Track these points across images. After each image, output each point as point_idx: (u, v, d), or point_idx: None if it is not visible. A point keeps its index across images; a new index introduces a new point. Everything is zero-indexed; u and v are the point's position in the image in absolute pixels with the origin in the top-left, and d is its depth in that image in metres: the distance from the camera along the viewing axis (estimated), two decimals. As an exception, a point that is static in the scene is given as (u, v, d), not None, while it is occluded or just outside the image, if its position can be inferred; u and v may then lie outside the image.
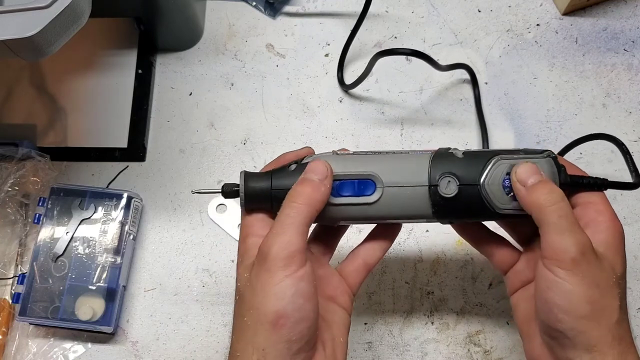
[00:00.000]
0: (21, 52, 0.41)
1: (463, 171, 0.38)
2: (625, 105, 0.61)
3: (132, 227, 0.57)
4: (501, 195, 0.38)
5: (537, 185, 0.36)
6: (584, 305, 0.34)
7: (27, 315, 0.54)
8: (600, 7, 0.65)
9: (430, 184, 0.38)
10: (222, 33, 0.67)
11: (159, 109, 0.65)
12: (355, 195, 0.39)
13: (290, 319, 0.34)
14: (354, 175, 0.39)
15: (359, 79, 0.60)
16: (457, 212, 0.39)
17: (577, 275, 0.34)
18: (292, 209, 0.36)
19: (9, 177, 0.59)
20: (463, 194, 0.38)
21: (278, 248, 0.35)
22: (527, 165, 0.37)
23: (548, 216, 0.35)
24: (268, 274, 0.34)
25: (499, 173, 0.38)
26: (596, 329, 0.35)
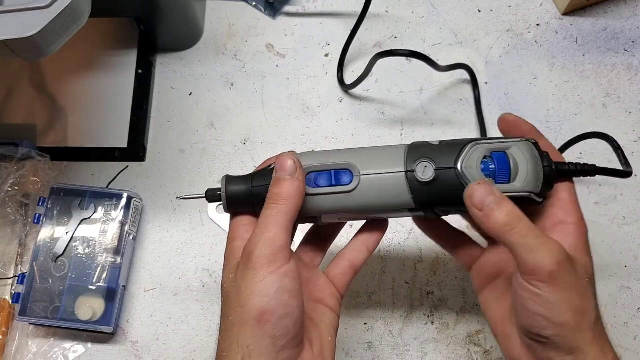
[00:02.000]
0: (21, 52, 0.41)
1: (439, 156, 0.38)
2: (625, 105, 0.61)
3: (132, 227, 0.57)
4: (480, 177, 0.37)
5: (493, 211, 0.35)
6: (566, 312, 0.35)
7: (27, 315, 0.54)
8: (600, 7, 0.65)
9: (406, 170, 0.38)
10: (222, 33, 0.67)
11: (159, 109, 0.65)
12: (333, 185, 0.39)
13: (275, 315, 0.34)
14: (330, 165, 0.39)
15: (358, 79, 0.60)
16: (437, 198, 0.38)
17: (557, 286, 0.34)
18: (271, 209, 0.37)
19: (9, 177, 0.59)
20: (440, 178, 0.38)
21: (262, 245, 0.35)
22: (480, 187, 0.36)
23: (512, 239, 0.35)
24: (253, 272, 0.35)
25: (476, 157, 0.37)
26: (579, 332, 0.35)
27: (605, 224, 0.57)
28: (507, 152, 0.38)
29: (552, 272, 0.34)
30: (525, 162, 0.37)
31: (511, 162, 0.37)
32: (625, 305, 0.55)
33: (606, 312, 0.55)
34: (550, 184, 0.38)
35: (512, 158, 0.38)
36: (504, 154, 0.38)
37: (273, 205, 0.37)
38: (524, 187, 0.37)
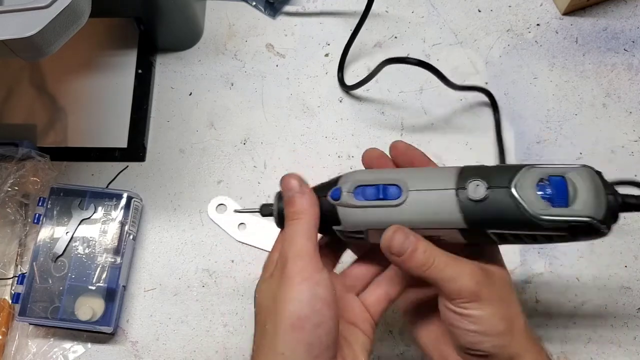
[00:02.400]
0: (21, 52, 0.41)
1: (492, 176, 0.36)
2: (625, 105, 0.61)
3: (132, 227, 0.57)
4: (536, 199, 0.35)
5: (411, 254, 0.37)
6: (498, 323, 0.36)
7: (27, 316, 0.54)
8: (600, 7, 0.65)
9: (457, 187, 0.37)
10: (222, 33, 0.67)
11: (159, 109, 0.65)
12: (380, 198, 0.38)
13: (309, 321, 0.35)
14: (379, 180, 0.38)
15: (361, 82, 0.60)
16: (488, 218, 0.36)
17: (483, 302, 0.36)
18: (292, 225, 0.38)
19: (9, 177, 0.59)
20: (492, 197, 0.36)
21: (292, 256, 0.37)
22: (396, 234, 0.37)
23: (432, 275, 0.36)
24: (286, 280, 0.36)
25: (531, 179, 0.36)
26: (513, 339, 0.37)
27: (605, 224, 0.57)
28: (566, 176, 0.36)
29: (475, 292, 0.36)
30: (586, 186, 0.35)
31: (569, 185, 0.35)
32: (625, 305, 0.55)
33: (606, 312, 0.55)
34: (614, 215, 0.35)
35: (571, 182, 0.35)
36: (561, 178, 0.36)
37: (291, 221, 0.38)
38: (585, 212, 0.34)
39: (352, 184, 0.39)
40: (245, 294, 0.57)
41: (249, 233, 0.59)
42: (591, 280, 0.56)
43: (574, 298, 0.55)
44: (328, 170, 0.61)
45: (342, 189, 0.39)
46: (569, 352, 0.54)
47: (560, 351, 0.54)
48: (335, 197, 0.39)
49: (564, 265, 0.56)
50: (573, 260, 0.56)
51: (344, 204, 0.39)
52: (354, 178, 0.39)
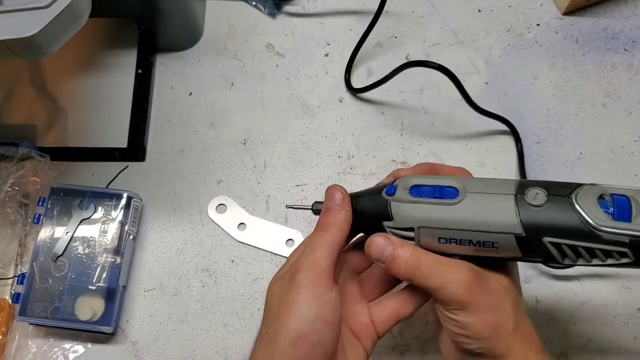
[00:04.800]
0: (21, 52, 0.41)
1: (552, 187, 0.36)
2: (625, 105, 0.61)
3: (132, 227, 0.57)
4: (597, 210, 0.34)
5: (390, 262, 0.37)
6: (482, 330, 0.37)
7: (27, 315, 0.54)
8: (600, 7, 0.65)
9: (516, 193, 0.36)
10: (222, 33, 0.67)
11: (159, 109, 0.65)
12: (436, 197, 0.38)
13: (309, 341, 0.36)
14: (437, 182, 0.38)
15: (373, 85, 0.60)
16: (547, 224, 0.35)
17: (470, 310, 0.37)
18: (319, 235, 0.39)
19: (9, 177, 0.59)
20: (552, 204, 0.35)
21: (306, 266, 0.37)
22: (377, 237, 0.38)
23: (418, 282, 0.37)
24: (295, 290, 0.37)
25: (592, 192, 0.35)
26: (499, 342, 0.38)
27: (605, 224, 0.57)
28: (629, 195, 0.35)
29: (462, 301, 0.37)
30: None
31: (633, 204, 0.34)
32: (625, 305, 0.55)
33: (606, 312, 0.55)
34: None
35: (635, 200, 0.34)
36: (625, 197, 0.35)
37: (320, 232, 0.39)
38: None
39: (408, 183, 0.39)
40: (245, 294, 0.57)
41: (249, 233, 0.59)
42: (591, 280, 0.56)
43: (574, 298, 0.55)
44: (328, 170, 0.61)
45: (399, 186, 0.39)
46: (569, 352, 0.54)
47: (560, 351, 0.54)
48: (390, 193, 0.39)
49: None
50: (573, 260, 0.56)
51: (398, 199, 0.38)
52: (411, 180, 0.39)
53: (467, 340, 0.38)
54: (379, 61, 0.65)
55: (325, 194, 0.40)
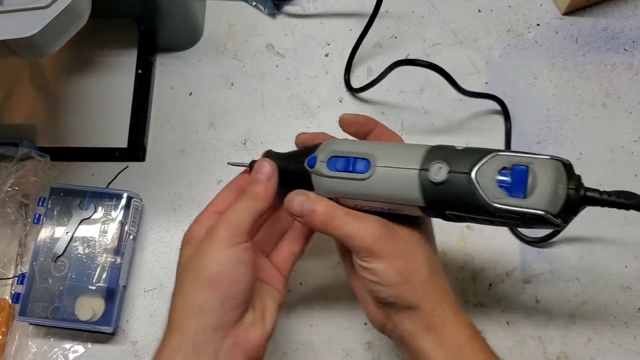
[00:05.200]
0: (21, 52, 0.41)
1: (457, 160, 0.37)
2: (625, 105, 0.61)
3: (132, 227, 0.57)
4: (493, 188, 0.36)
5: (309, 216, 0.42)
6: (393, 276, 0.41)
7: (27, 315, 0.54)
8: (600, 7, 0.65)
9: (420, 168, 0.38)
10: (222, 33, 0.67)
11: (159, 109, 0.65)
12: (349, 171, 0.41)
13: (227, 280, 0.39)
14: (351, 153, 0.41)
15: (369, 84, 0.60)
16: (446, 201, 0.38)
17: (380, 256, 0.40)
18: (245, 201, 0.43)
19: (9, 177, 0.59)
20: (452, 181, 0.37)
21: (227, 225, 0.41)
22: (296, 196, 0.42)
23: (332, 233, 0.41)
24: (215, 244, 0.40)
25: (494, 167, 0.36)
26: (410, 290, 0.41)
27: (605, 224, 0.57)
28: (530, 167, 0.36)
29: (371, 249, 0.40)
30: (547, 179, 0.35)
31: (530, 176, 0.35)
32: (625, 305, 0.55)
33: (606, 312, 0.55)
34: (573, 209, 0.36)
35: (533, 173, 0.36)
36: (524, 168, 0.36)
37: (247, 198, 0.43)
38: (538, 205, 0.35)
39: (327, 154, 0.42)
40: (245, 294, 0.57)
41: (249, 233, 0.59)
42: (591, 280, 0.56)
43: (574, 298, 0.55)
44: (328, 170, 0.61)
45: (318, 158, 0.42)
46: (569, 352, 0.54)
47: (560, 351, 0.54)
48: (311, 165, 0.43)
49: (563, 265, 0.56)
50: (573, 260, 0.56)
51: (317, 172, 0.42)
52: (330, 148, 0.42)
53: (380, 287, 0.41)
54: (378, 61, 0.65)
55: (255, 167, 0.45)
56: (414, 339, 0.41)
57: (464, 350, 0.41)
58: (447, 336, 0.41)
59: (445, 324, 0.41)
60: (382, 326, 0.45)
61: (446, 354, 0.41)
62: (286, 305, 0.56)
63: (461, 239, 0.58)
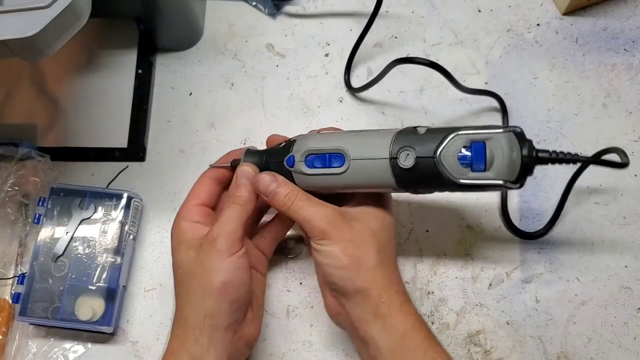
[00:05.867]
0: (21, 52, 0.41)
1: (421, 145, 0.42)
2: (625, 105, 0.61)
3: (132, 227, 0.57)
4: (457, 166, 0.41)
5: (275, 194, 0.46)
6: (342, 258, 0.44)
7: (27, 315, 0.54)
8: (600, 7, 0.65)
9: (390, 157, 0.43)
10: (222, 33, 0.67)
11: (159, 109, 0.65)
12: (326, 167, 0.46)
13: (233, 285, 0.45)
14: (326, 150, 0.46)
15: (369, 83, 0.60)
16: (417, 182, 0.43)
17: (331, 239, 0.44)
18: (234, 207, 0.47)
19: (9, 177, 0.59)
20: (420, 166, 0.42)
21: (225, 235, 0.45)
22: (265, 176, 0.47)
23: (291, 214, 0.46)
24: (216, 254, 0.45)
25: (455, 147, 0.41)
26: (358, 274, 0.44)
27: (605, 224, 0.57)
28: (486, 142, 0.41)
29: (324, 230, 0.44)
30: (502, 152, 0.40)
31: (488, 152, 0.41)
32: (625, 305, 0.55)
33: (606, 312, 0.55)
34: (529, 171, 0.41)
35: (490, 149, 0.41)
36: (482, 145, 0.41)
37: (235, 204, 0.47)
38: (497, 176, 0.40)
39: (303, 153, 0.46)
40: (245, 294, 0.57)
41: (249, 233, 0.59)
42: (591, 280, 0.56)
43: (574, 298, 0.55)
44: (328, 170, 0.61)
45: (296, 158, 0.46)
46: (569, 352, 0.54)
47: (560, 351, 0.54)
48: (290, 165, 0.47)
49: (564, 265, 0.56)
50: (573, 260, 0.56)
51: (298, 171, 0.46)
52: (305, 146, 0.46)
53: (330, 270, 0.45)
54: (378, 61, 0.65)
55: (237, 172, 0.48)
56: (363, 325, 0.45)
57: (407, 337, 0.44)
58: (393, 323, 0.44)
59: (391, 311, 0.44)
60: (337, 316, 0.48)
61: (391, 340, 0.44)
62: (286, 305, 0.56)
63: (461, 239, 0.58)
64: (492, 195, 0.59)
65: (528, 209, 0.58)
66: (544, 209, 0.58)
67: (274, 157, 0.49)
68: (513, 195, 0.58)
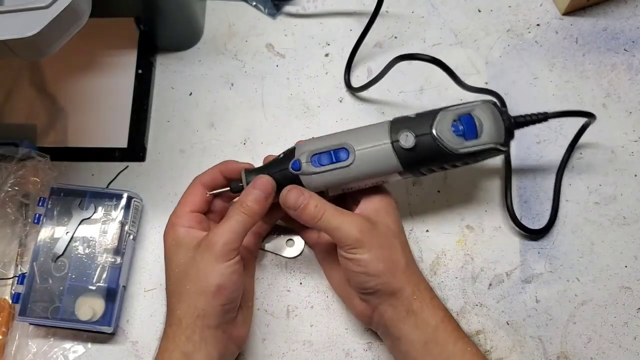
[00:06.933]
0: (21, 52, 0.41)
1: (417, 125, 0.46)
2: (625, 105, 0.61)
3: (132, 227, 0.57)
4: (453, 137, 0.45)
5: (304, 208, 0.46)
6: (378, 264, 0.45)
7: (27, 315, 0.54)
8: (600, 7, 0.65)
9: (392, 141, 0.46)
10: (222, 33, 0.67)
11: (159, 109, 0.65)
12: (334, 162, 0.47)
13: (228, 289, 0.46)
14: (329, 147, 0.47)
15: (370, 82, 0.60)
16: (420, 160, 0.46)
17: (365, 247, 0.45)
18: (239, 215, 0.47)
19: (9, 177, 0.59)
20: (421, 143, 0.46)
21: (224, 242, 0.45)
22: (291, 192, 0.47)
23: (322, 226, 0.46)
24: (213, 258, 0.45)
25: (447, 121, 0.46)
26: (394, 277, 0.46)
27: (605, 224, 0.57)
28: (472, 113, 0.46)
29: (358, 239, 0.45)
30: (488, 119, 0.45)
31: (476, 121, 0.45)
32: (625, 305, 0.55)
33: (606, 312, 0.55)
34: (511, 134, 0.47)
35: (477, 118, 0.45)
36: (469, 116, 0.46)
37: (241, 212, 0.47)
38: (490, 140, 0.45)
39: (308, 154, 0.47)
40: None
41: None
42: (591, 280, 0.56)
43: (574, 298, 0.55)
44: (328, 170, 0.61)
45: (301, 160, 0.47)
46: (569, 352, 0.54)
47: (560, 351, 0.54)
48: (296, 169, 0.47)
49: (564, 265, 0.56)
50: (573, 260, 0.56)
51: (305, 172, 0.47)
52: (308, 148, 0.48)
53: (367, 277, 0.46)
54: (378, 61, 0.65)
55: (255, 181, 0.48)
56: (396, 323, 0.46)
57: (438, 330, 0.46)
58: (424, 318, 0.46)
59: (423, 307, 0.46)
60: (369, 319, 0.49)
61: (424, 334, 0.45)
62: (286, 305, 0.56)
63: (461, 239, 0.58)
64: (492, 195, 0.59)
65: (528, 209, 0.58)
66: (544, 209, 0.58)
67: (276, 167, 0.49)
68: (513, 195, 0.58)
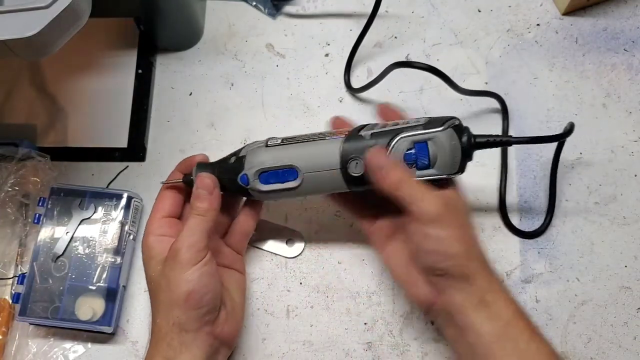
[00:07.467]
0: (21, 52, 0.41)
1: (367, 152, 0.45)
2: (625, 105, 0.61)
3: (132, 227, 0.57)
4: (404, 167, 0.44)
5: (388, 172, 0.44)
6: (454, 244, 0.42)
7: (27, 315, 0.54)
8: (600, 7, 0.65)
9: (341, 167, 0.45)
10: (222, 33, 0.67)
11: (159, 109, 0.65)
12: (281, 182, 0.47)
13: (198, 294, 0.45)
14: (278, 167, 0.47)
15: (368, 85, 0.60)
16: (367, 184, 0.45)
17: (443, 224, 0.42)
18: (196, 219, 0.47)
19: (9, 177, 0.59)
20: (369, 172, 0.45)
21: (187, 247, 0.45)
22: (377, 153, 0.44)
23: (403, 193, 0.43)
24: (179, 266, 0.45)
25: (401, 149, 0.44)
26: (469, 260, 0.43)
27: (605, 224, 0.57)
28: (429, 142, 0.44)
29: (438, 214, 0.42)
30: (444, 150, 0.43)
31: (430, 152, 0.44)
32: (625, 305, 0.55)
33: (606, 312, 0.55)
34: (468, 157, 0.45)
35: (432, 148, 0.44)
36: (425, 145, 0.44)
37: (197, 215, 0.47)
38: (441, 172, 0.44)
39: (256, 172, 0.47)
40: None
41: (249, 233, 0.59)
42: (591, 280, 0.56)
43: (574, 298, 0.55)
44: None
45: (248, 175, 0.47)
46: (569, 352, 0.54)
47: (560, 351, 0.54)
48: (245, 183, 0.48)
49: (564, 265, 0.56)
50: (573, 260, 0.56)
51: (254, 189, 0.48)
52: (258, 161, 0.47)
53: (441, 257, 0.43)
54: (378, 61, 0.65)
55: (197, 182, 0.48)
56: (465, 311, 0.43)
57: (510, 325, 0.43)
58: (497, 310, 0.43)
59: (497, 299, 0.43)
60: (429, 304, 0.46)
61: (495, 327, 0.42)
62: (286, 305, 0.56)
63: (461, 239, 0.58)
64: (491, 195, 0.59)
65: (528, 209, 0.58)
66: (544, 209, 0.58)
67: (226, 173, 0.49)
68: (513, 195, 0.58)
